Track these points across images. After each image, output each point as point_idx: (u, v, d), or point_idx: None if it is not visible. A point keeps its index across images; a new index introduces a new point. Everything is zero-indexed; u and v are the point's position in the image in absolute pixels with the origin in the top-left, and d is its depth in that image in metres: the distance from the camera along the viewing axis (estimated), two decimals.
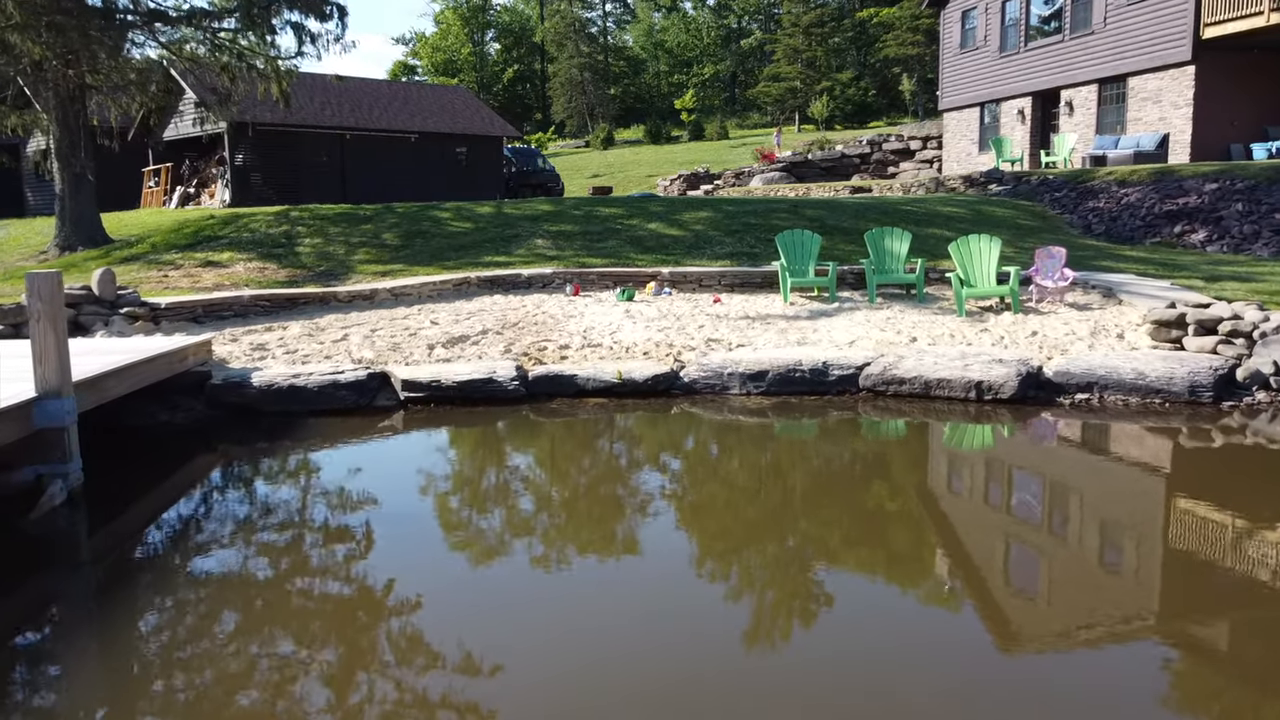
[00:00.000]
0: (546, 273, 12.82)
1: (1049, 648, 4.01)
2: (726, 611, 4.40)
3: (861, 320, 10.44)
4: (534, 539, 5.33)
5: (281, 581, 4.80)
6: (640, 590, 4.66)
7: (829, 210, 17.06)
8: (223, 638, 4.12)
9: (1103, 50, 25.06)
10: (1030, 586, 4.71)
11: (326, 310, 10.86)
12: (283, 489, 6.29)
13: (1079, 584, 4.63)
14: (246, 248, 15.44)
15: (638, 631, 4.20)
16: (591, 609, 4.44)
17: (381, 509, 5.85)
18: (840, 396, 8.25)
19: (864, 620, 4.37)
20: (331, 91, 31.95)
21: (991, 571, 4.84)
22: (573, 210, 17.32)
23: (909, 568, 4.96)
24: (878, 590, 4.75)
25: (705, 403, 8.18)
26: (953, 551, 5.05)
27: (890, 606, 4.52)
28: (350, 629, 4.19)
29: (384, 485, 6.34)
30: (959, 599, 4.52)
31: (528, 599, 4.52)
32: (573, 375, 8.39)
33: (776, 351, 8.94)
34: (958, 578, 4.73)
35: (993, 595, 4.51)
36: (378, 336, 9.53)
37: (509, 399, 8.13)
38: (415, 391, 8.12)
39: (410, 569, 4.94)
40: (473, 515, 5.78)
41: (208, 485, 6.48)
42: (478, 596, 4.61)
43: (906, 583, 4.78)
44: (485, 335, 9.62)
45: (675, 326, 10.16)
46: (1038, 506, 5.86)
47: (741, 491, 6.21)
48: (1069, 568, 4.85)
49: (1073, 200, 18.58)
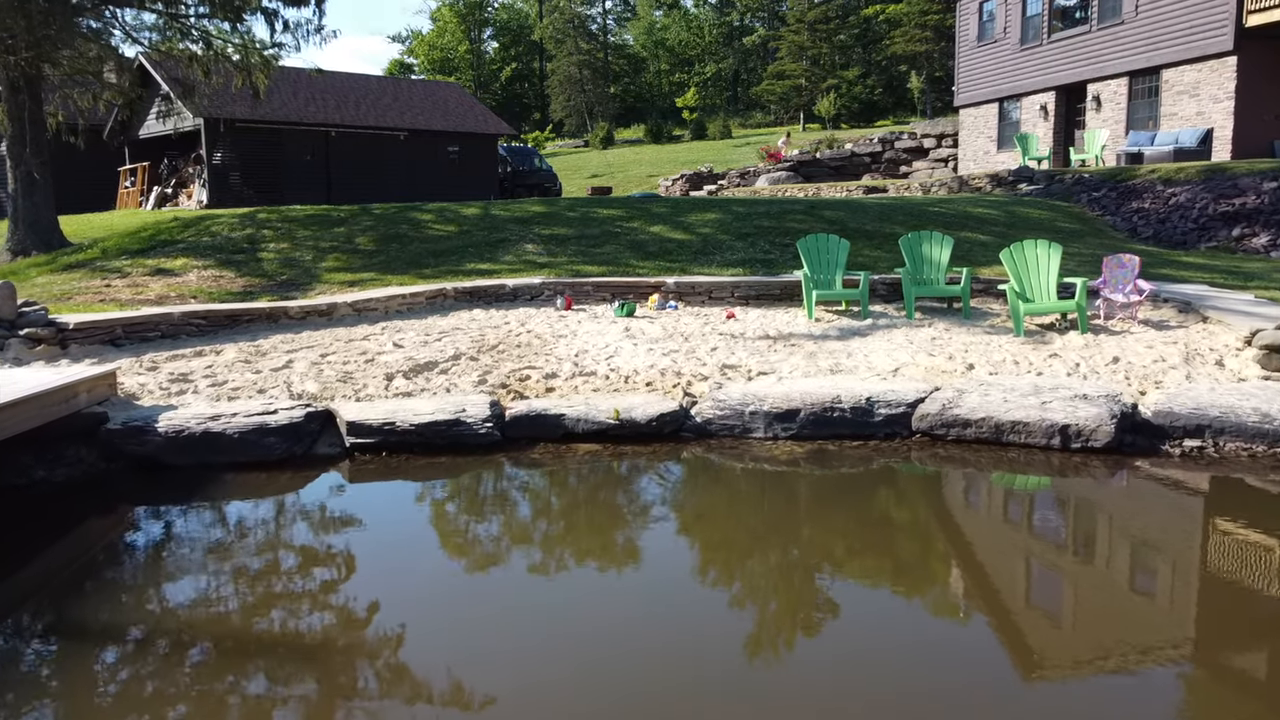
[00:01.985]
0: (535, 283, 11.25)
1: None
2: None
3: (902, 341, 8.88)
4: (497, 698, 3.76)
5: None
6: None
7: (849, 211, 15.50)
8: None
9: (1134, 41, 23.49)
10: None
11: (274, 329, 9.29)
12: (113, 608, 4.66)
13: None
14: (204, 254, 13.88)
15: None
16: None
17: (262, 644, 4.28)
18: (889, 442, 6.68)
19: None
20: (316, 86, 30.38)
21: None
22: (567, 212, 15.75)
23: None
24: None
25: (722, 450, 6.61)
26: (1095, 694, 3.49)
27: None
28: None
29: (283, 600, 4.75)
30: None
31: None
32: (559, 415, 6.83)
33: (807, 383, 7.37)
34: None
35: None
36: (328, 363, 7.96)
37: (480, 445, 6.57)
38: (364, 436, 6.56)
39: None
40: (404, 651, 4.21)
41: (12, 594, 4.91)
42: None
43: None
44: (457, 361, 8.06)
45: (684, 349, 8.59)
46: (1210, 632, 4.29)
47: (788, 606, 4.64)
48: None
49: (1114, 201, 17.02)
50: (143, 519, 5.75)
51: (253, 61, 20.17)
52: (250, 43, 19.59)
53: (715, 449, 6.64)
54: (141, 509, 5.88)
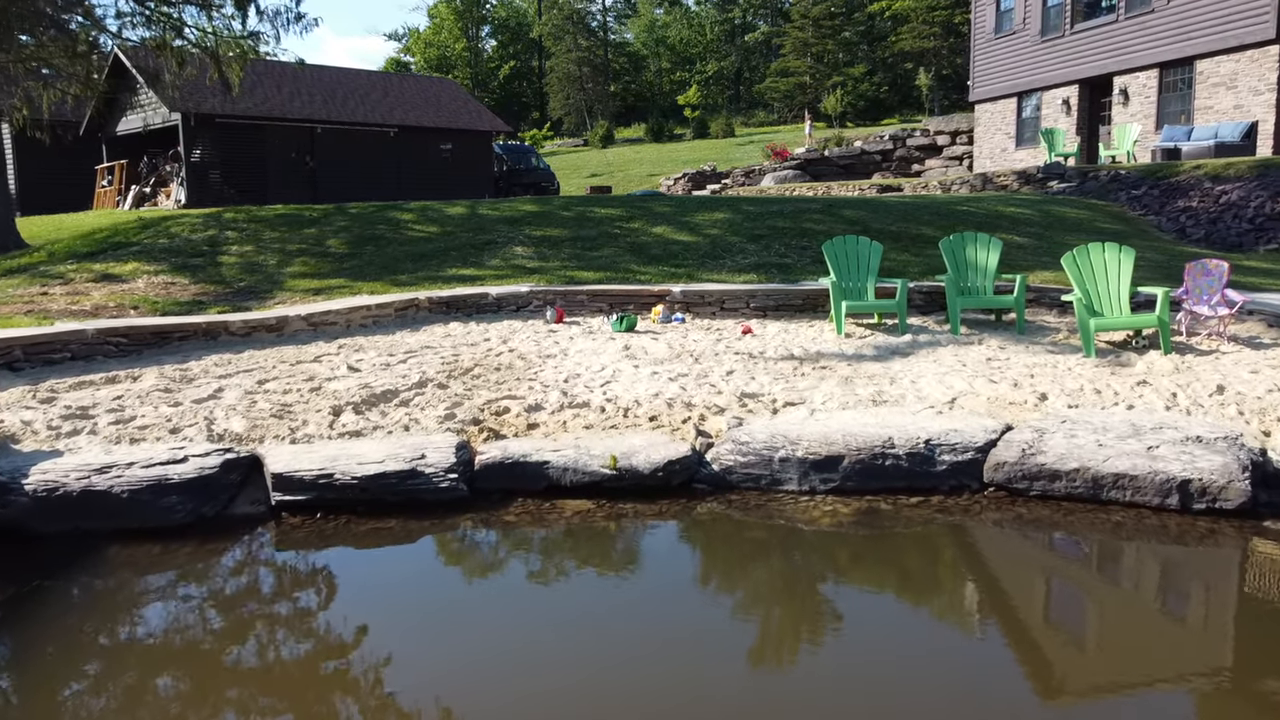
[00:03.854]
0: (521, 292, 9.88)
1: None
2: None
3: (952, 363, 7.51)
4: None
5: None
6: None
7: (871, 211, 14.13)
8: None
9: (1165, 30, 22.13)
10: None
11: (210, 349, 7.91)
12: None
13: None
14: (158, 257, 12.52)
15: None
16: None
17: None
18: (956, 497, 5.31)
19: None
20: (302, 81, 29.01)
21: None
22: (561, 211, 14.38)
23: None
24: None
25: (746, 508, 5.24)
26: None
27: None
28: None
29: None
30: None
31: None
32: (542, 463, 5.46)
33: (847, 417, 6.00)
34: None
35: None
36: (265, 392, 6.59)
37: (442, 503, 5.20)
38: (293, 492, 5.19)
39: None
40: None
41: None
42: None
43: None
44: (423, 390, 6.68)
45: (694, 373, 7.22)
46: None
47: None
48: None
49: (1156, 199, 15.64)
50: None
51: (228, 53, 18.85)
52: (220, 31, 18.27)
53: (737, 506, 5.27)
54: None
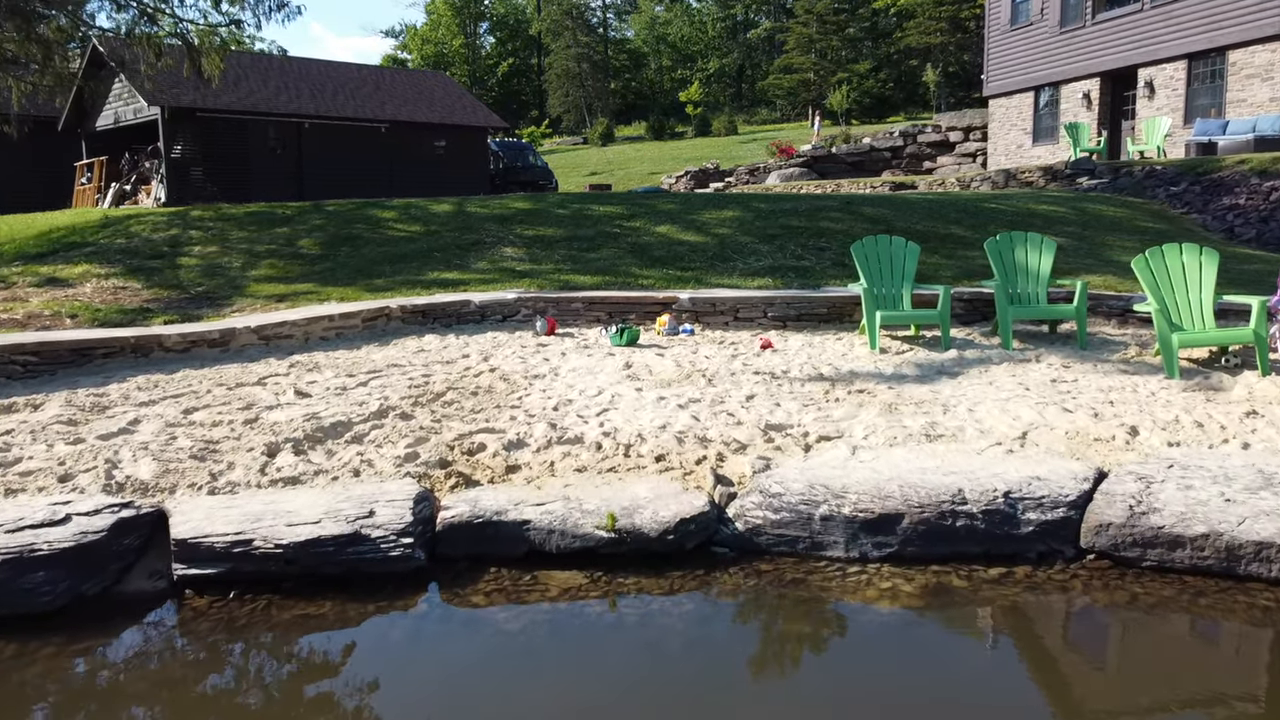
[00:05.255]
0: (508, 299, 8.73)
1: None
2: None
3: (1011, 385, 6.37)
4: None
5: None
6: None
7: (892, 209, 12.99)
8: None
9: (1193, 20, 20.99)
10: None
11: (139, 368, 6.76)
12: None
13: None
14: (112, 259, 11.39)
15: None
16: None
17: None
18: (1047, 569, 4.17)
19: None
20: (289, 74, 27.89)
21: None
22: (556, 209, 13.24)
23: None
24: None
25: (780, 582, 4.11)
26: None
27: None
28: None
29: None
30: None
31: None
32: (522, 523, 4.33)
33: (900, 460, 4.86)
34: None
35: None
36: (189, 425, 5.44)
37: (394, 576, 4.08)
38: (202, 563, 4.06)
39: None
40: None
41: None
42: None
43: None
44: (382, 421, 5.54)
45: (708, 399, 6.08)
46: None
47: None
48: None
49: (1198, 196, 14.51)
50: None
51: (206, 42, 17.74)
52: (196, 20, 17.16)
53: (770, 580, 4.13)
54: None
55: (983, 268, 10.25)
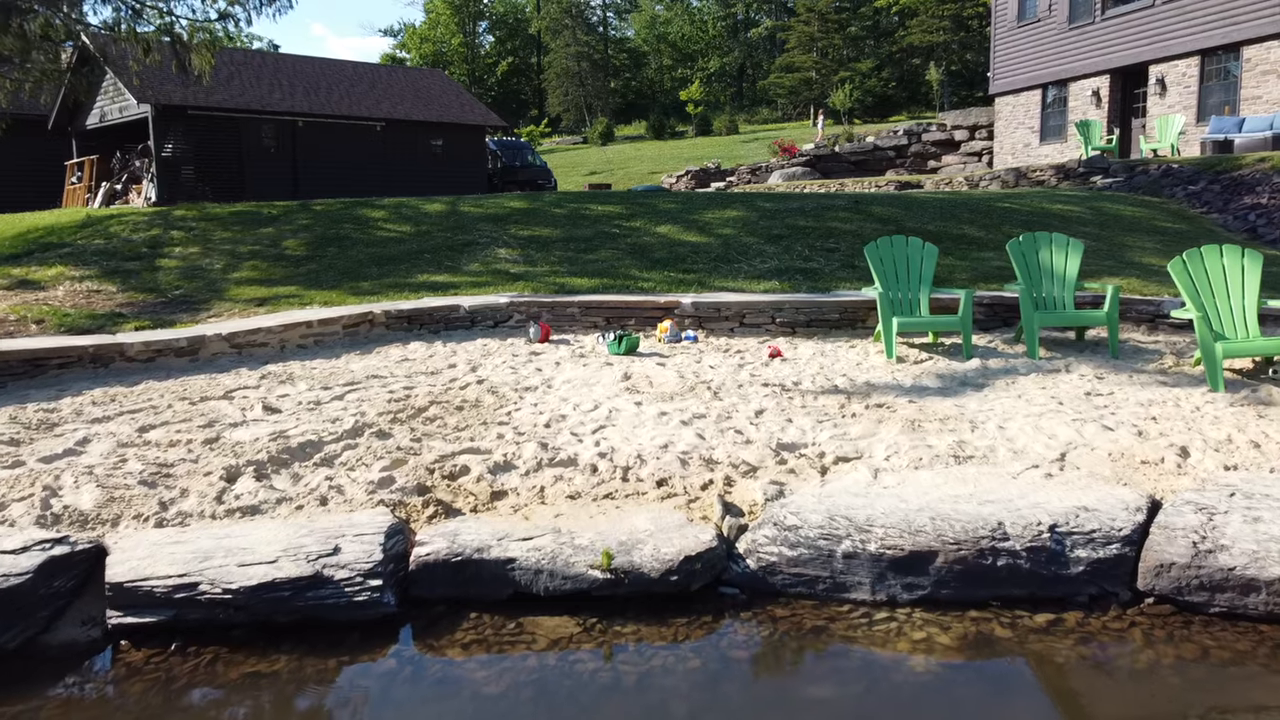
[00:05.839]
0: (500, 304, 8.23)
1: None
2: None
3: (1042, 399, 5.87)
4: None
5: None
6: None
7: (902, 208, 12.50)
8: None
9: (1206, 15, 20.51)
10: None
11: (98, 380, 6.26)
12: None
13: None
14: (89, 260, 10.90)
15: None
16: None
17: None
18: (1100, 615, 3.68)
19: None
20: (283, 71, 27.40)
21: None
22: (553, 208, 12.75)
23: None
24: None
25: (800, 632, 3.62)
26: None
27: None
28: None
29: None
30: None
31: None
32: (506, 561, 3.84)
33: (928, 486, 4.37)
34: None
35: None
36: (143, 445, 4.94)
37: (360, 624, 3.59)
38: (141, 611, 3.57)
39: None
40: None
41: None
42: None
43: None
44: (356, 440, 5.05)
45: (714, 414, 5.59)
46: None
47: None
48: None
49: (1218, 196, 14.01)
50: None
51: (195, 38, 17.27)
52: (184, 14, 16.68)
53: (786, 629, 3.64)
54: None
55: (998, 269, 9.76)
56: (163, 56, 17.75)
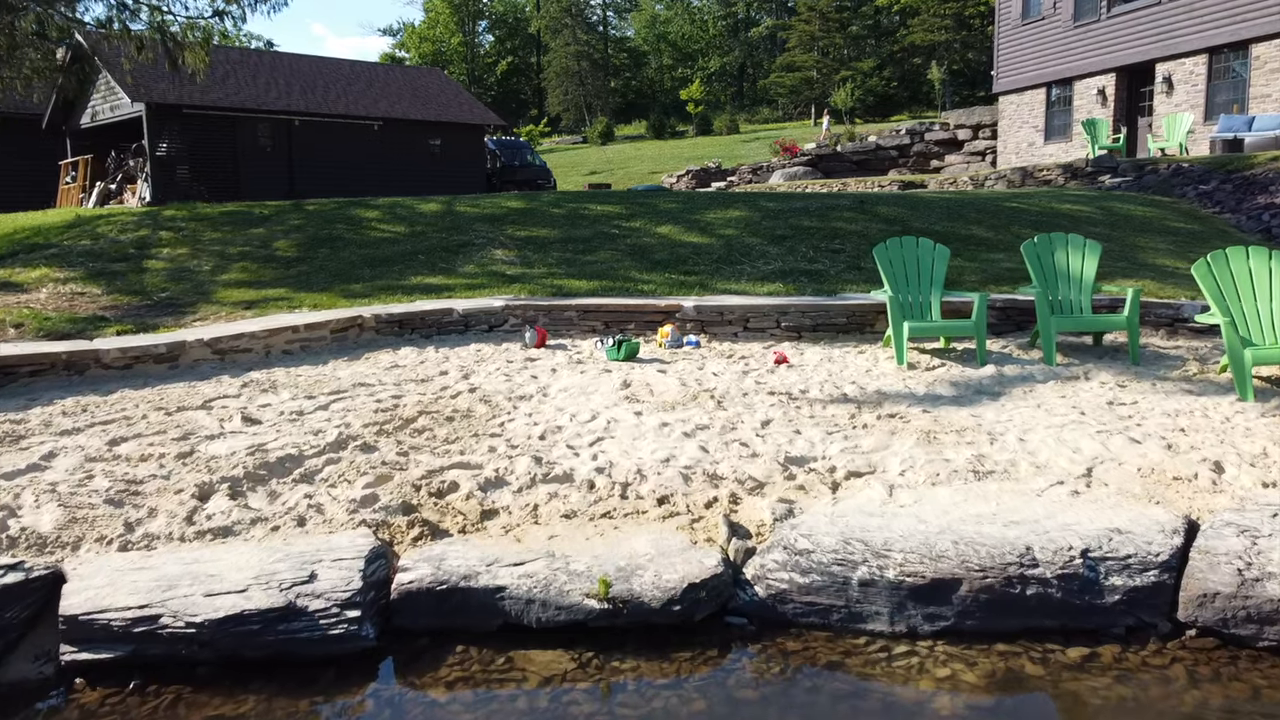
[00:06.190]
0: (495, 307, 7.95)
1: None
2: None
3: (1062, 408, 5.58)
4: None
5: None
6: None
7: (908, 208, 12.22)
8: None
9: (1214, 12, 20.22)
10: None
11: (71, 388, 5.97)
12: None
13: None
14: (74, 262, 10.62)
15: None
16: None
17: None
18: (1139, 649, 3.40)
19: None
20: (279, 69, 27.12)
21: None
22: (551, 208, 12.46)
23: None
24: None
25: (814, 669, 3.33)
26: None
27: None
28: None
29: None
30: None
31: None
32: (495, 590, 3.55)
33: (948, 504, 4.09)
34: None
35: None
36: (112, 460, 4.66)
37: (336, 659, 3.31)
38: (96, 648, 3.28)
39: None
40: None
41: None
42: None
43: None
44: (339, 454, 4.76)
45: (718, 424, 5.30)
46: None
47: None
48: None
49: (1230, 195, 13.73)
50: None
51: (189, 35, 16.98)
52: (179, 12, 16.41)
53: (798, 662, 3.35)
54: None
55: (1009, 271, 9.48)
56: (156, 54, 17.48)
